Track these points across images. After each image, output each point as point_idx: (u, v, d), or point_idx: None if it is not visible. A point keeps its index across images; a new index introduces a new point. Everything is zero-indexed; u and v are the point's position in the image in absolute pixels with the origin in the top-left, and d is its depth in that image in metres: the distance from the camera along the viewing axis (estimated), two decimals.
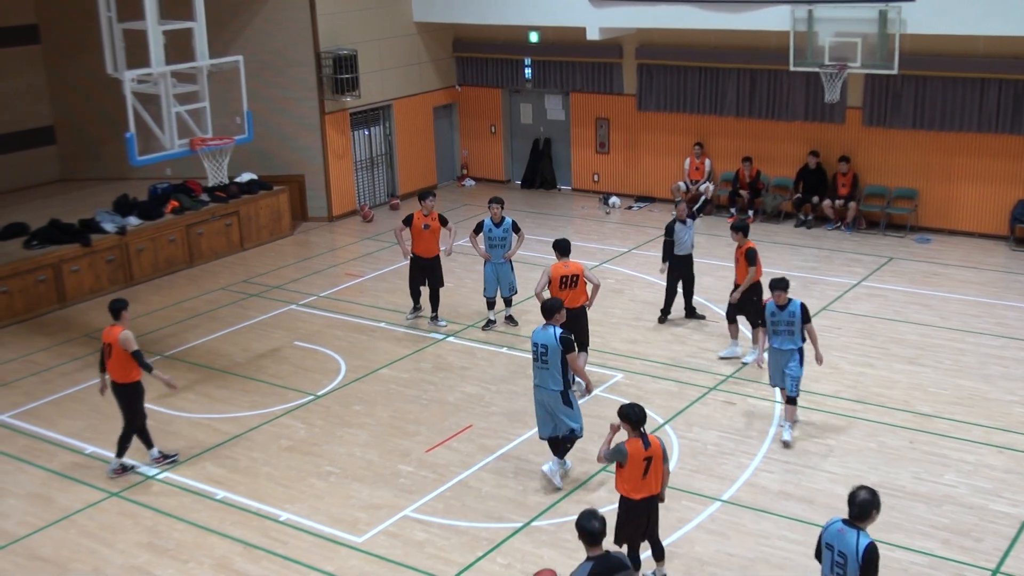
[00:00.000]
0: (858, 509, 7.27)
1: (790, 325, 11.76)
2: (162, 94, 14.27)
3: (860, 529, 7.26)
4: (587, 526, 7.25)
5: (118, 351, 11.44)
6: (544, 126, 24.00)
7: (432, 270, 15.62)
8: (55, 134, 22.58)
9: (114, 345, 11.47)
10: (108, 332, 11.59)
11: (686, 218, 15.17)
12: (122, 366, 11.51)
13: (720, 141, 21.49)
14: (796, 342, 11.82)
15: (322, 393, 13.82)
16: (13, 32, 21.61)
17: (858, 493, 7.31)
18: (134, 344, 11.44)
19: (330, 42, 20.99)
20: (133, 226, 18.49)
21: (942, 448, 11.77)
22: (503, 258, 15.22)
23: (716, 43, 20.67)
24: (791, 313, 11.74)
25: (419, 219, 15.42)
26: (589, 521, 7.26)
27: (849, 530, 7.27)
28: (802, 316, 11.73)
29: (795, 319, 11.72)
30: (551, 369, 10.99)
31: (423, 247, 15.46)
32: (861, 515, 7.28)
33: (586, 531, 7.26)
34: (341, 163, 21.85)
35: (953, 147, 19.14)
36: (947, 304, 16.10)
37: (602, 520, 7.29)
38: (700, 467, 11.56)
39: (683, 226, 15.14)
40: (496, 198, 15.40)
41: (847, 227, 19.90)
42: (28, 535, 10.77)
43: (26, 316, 16.89)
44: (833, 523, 7.44)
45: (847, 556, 7.21)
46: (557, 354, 10.93)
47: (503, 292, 15.46)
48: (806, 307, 11.82)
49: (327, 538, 10.49)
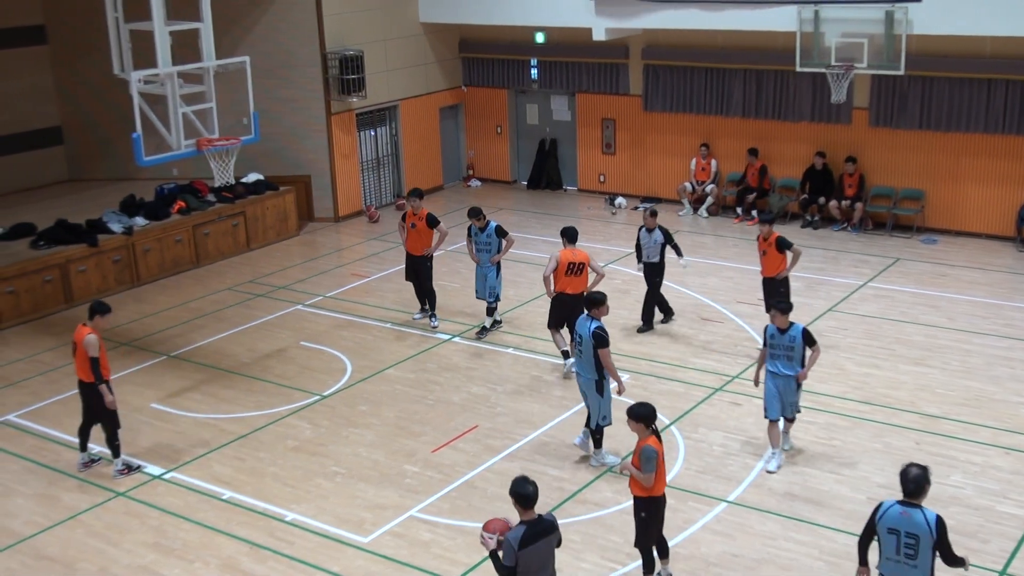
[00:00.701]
0: (913, 485, 7.48)
1: (790, 350, 11.07)
2: (169, 94, 14.30)
3: (920, 506, 7.47)
4: (521, 491, 7.61)
5: (81, 351, 11.49)
6: (550, 127, 24.00)
7: (417, 268, 15.72)
8: (62, 134, 22.64)
9: (78, 345, 11.51)
10: (78, 331, 11.60)
11: (654, 228, 15.04)
12: (86, 365, 11.54)
13: (726, 142, 21.47)
14: (795, 368, 11.15)
15: (328, 393, 13.83)
16: (20, 32, 21.67)
17: (909, 470, 7.53)
18: (95, 351, 11.41)
19: (336, 43, 21.01)
20: (140, 226, 18.52)
21: (949, 449, 11.75)
22: (489, 262, 15.18)
23: (722, 44, 20.66)
24: (792, 338, 11.04)
25: (409, 217, 15.62)
26: (523, 486, 7.62)
27: (912, 510, 7.47)
28: (804, 341, 11.03)
29: (795, 344, 11.03)
30: (585, 358, 11.27)
31: (411, 244, 15.69)
32: (917, 491, 7.48)
33: (520, 495, 7.61)
34: (347, 163, 21.87)
35: (960, 148, 19.10)
36: (954, 305, 16.07)
37: (535, 485, 7.65)
38: (706, 468, 11.55)
39: (647, 235, 15.07)
40: (473, 210, 15.31)
41: (853, 228, 19.87)
42: (35, 535, 10.79)
43: (33, 316, 16.93)
44: (890, 507, 7.57)
45: (919, 536, 7.41)
46: (590, 347, 11.15)
47: (486, 298, 15.37)
48: (809, 332, 11.10)
49: (333, 538, 10.49)
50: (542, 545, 7.59)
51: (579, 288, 13.57)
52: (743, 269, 17.94)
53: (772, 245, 14.14)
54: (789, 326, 11.08)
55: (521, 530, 7.50)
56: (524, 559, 7.45)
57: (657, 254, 15.10)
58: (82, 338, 11.44)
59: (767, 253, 14.24)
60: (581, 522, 10.58)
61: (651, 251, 15.11)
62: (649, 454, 8.86)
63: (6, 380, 14.67)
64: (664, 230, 15.14)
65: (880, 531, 7.61)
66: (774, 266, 14.22)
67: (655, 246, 15.06)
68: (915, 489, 7.47)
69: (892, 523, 7.54)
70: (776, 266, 14.18)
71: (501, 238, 15.16)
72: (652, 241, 15.05)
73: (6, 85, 21.49)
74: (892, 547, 7.54)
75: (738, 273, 17.78)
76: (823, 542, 10.08)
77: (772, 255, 14.19)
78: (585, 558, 9.99)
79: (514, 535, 7.48)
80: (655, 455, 8.88)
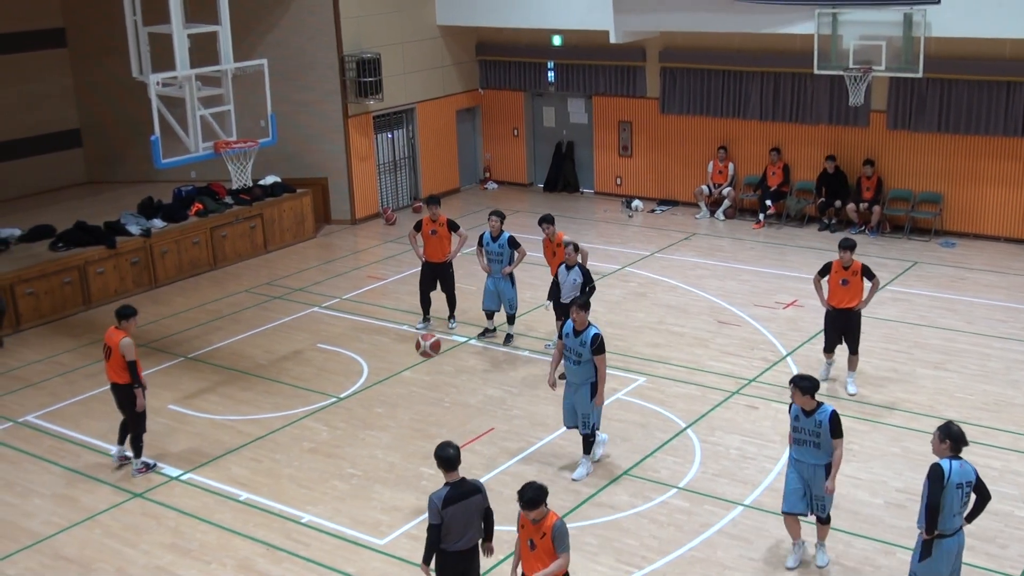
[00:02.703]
0: (958, 439, 8.31)
1: (816, 436, 9.34)
2: (187, 97, 14.35)
3: (962, 458, 8.36)
4: (442, 454, 8.22)
5: (117, 355, 11.58)
6: (567, 129, 23.99)
7: (443, 274, 15.66)
8: (81, 137, 22.76)
9: (114, 349, 11.60)
10: (110, 335, 11.71)
11: (573, 266, 13.56)
12: (120, 368, 11.63)
13: (744, 144, 21.42)
14: (824, 457, 9.41)
15: (345, 395, 13.86)
16: (41, 36, 21.80)
17: (951, 427, 8.36)
18: (132, 354, 11.58)
19: (354, 45, 21.06)
20: (158, 228, 18.60)
21: (967, 454, 11.55)
22: (501, 273, 15.03)
23: (740, 46, 20.61)
24: (818, 422, 9.31)
25: (427, 225, 15.48)
26: (444, 449, 8.22)
27: (964, 461, 8.35)
28: (831, 429, 9.31)
29: (823, 430, 9.31)
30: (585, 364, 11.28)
31: (432, 252, 15.54)
32: (963, 442, 8.34)
33: (441, 458, 8.23)
34: (364, 166, 21.91)
35: (978, 151, 19.00)
36: (972, 309, 15.98)
37: (456, 448, 8.24)
38: (722, 471, 11.52)
39: (565, 272, 13.64)
40: (497, 211, 15.13)
41: (871, 231, 19.79)
42: (53, 535, 10.85)
43: (52, 317, 17.02)
44: (952, 466, 8.25)
45: (972, 481, 8.36)
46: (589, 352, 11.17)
47: (506, 309, 15.26)
48: (837, 417, 9.34)
49: (349, 540, 10.51)
50: (466, 506, 8.19)
51: None
52: (760, 272, 17.90)
53: (857, 273, 12.82)
54: (816, 407, 9.37)
55: (445, 491, 8.16)
56: (448, 518, 8.11)
57: (571, 293, 13.41)
58: (117, 342, 11.55)
59: (849, 283, 12.87)
60: (597, 525, 10.57)
61: (567, 289, 13.55)
62: (563, 530, 7.97)
63: (25, 381, 14.76)
64: (585, 272, 13.61)
65: (950, 487, 8.24)
66: (853, 296, 12.93)
67: (573, 286, 13.52)
68: (961, 441, 8.36)
69: (958, 478, 8.26)
70: (856, 296, 12.93)
71: (513, 249, 14.92)
72: (570, 280, 13.58)
73: (27, 88, 21.61)
74: (958, 500, 8.30)
75: (755, 276, 17.73)
76: (840, 546, 10.04)
77: (855, 284, 12.87)
78: (601, 561, 9.98)
79: (438, 495, 8.14)
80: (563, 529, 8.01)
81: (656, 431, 12.46)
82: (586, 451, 11.60)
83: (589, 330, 11.12)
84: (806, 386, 9.33)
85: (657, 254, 19.19)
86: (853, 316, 13.01)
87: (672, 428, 12.54)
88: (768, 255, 18.96)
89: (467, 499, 8.19)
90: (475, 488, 8.28)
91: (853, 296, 12.94)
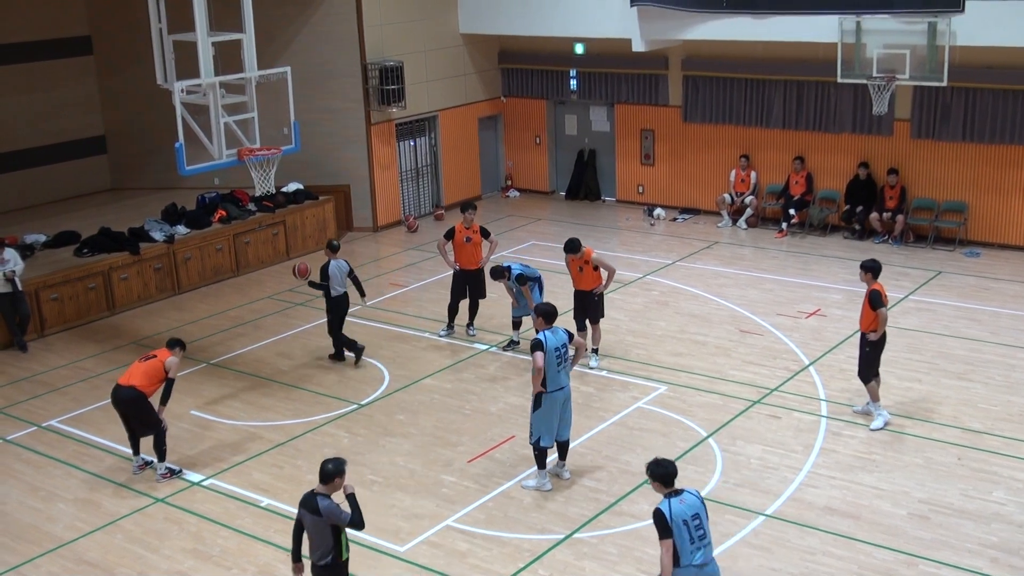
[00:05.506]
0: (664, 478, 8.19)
1: None
2: (211, 104, 14.45)
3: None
4: (321, 467, 8.47)
5: (158, 367, 11.70)
6: (589, 137, 23.99)
7: (476, 282, 15.73)
8: (106, 144, 22.93)
9: (159, 360, 11.74)
10: (161, 351, 11.94)
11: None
12: (151, 378, 11.71)
13: (766, 153, 21.35)
14: None
15: (366, 402, 13.88)
16: (67, 43, 21.99)
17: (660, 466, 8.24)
18: (176, 372, 11.83)
19: (376, 53, 21.14)
20: (181, 235, 18.71)
21: (992, 465, 11.59)
22: (480, 264, 15.61)
23: (763, 55, 20.56)
24: None
25: (460, 232, 15.55)
26: (323, 464, 8.49)
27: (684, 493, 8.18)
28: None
29: None
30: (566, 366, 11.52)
31: (466, 259, 15.60)
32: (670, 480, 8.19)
33: (320, 471, 8.50)
34: (387, 173, 21.97)
35: (1003, 160, 18.88)
36: (997, 319, 15.87)
37: (335, 462, 8.53)
38: (744, 481, 11.47)
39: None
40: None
41: (895, 240, 19.69)
42: (75, 539, 10.91)
43: (76, 323, 17.15)
44: (671, 505, 8.00)
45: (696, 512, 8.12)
46: None
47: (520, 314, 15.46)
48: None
49: (369, 547, 10.52)
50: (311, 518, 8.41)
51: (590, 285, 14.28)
52: (782, 281, 17.83)
53: (868, 297, 12.49)
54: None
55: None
56: None
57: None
58: (166, 358, 11.76)
59: (864, 306, 12.57)
60: (617, 534, 10.53)
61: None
62: None
63: (49, 386, 14.87)
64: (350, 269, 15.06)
65: None
66: (867, 322, 12.60)
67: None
68: None
69: None
70: (870, 323, 12.52)
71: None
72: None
73: (53, 95, 21.81)
74: None
75: (778, 285, 17.66)
76: (862, 557, 9.98)
77: (866, 310, 12.54)
78: (620, 570, 9.95)
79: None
80: None
81: (677, 440, 12.43)
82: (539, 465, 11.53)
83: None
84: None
85: (679, 263, 19.15)
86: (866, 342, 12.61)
87: (693, 437, 12.50)
88: (791, 264, 18.88)
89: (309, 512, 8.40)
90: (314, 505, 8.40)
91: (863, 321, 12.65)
